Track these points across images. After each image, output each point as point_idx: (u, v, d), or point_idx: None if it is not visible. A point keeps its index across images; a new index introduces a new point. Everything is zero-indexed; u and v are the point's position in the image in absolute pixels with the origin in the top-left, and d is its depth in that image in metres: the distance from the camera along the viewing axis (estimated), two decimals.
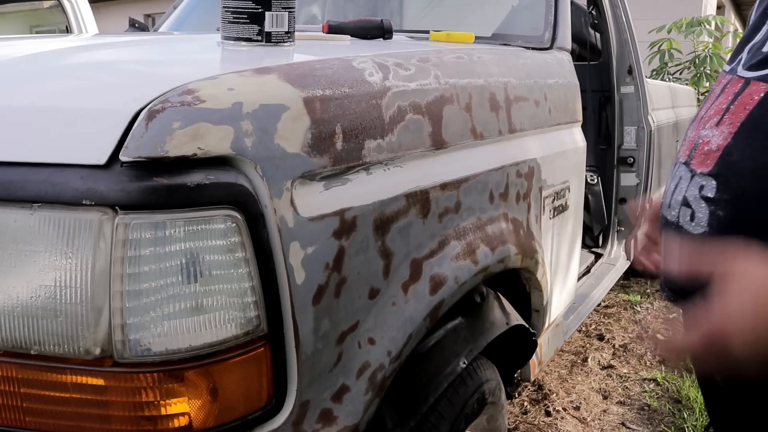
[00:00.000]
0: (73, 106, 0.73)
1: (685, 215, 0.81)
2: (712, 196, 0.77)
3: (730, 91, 0.80)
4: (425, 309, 0.98)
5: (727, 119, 0.79)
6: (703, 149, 0.80)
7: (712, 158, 0.78)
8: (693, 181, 0.80)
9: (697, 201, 0.79)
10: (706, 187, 0.78)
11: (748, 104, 0.76)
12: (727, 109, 0.79)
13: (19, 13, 4.08)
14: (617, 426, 2.13)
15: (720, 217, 0.76)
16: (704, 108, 0.86)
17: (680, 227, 0.82)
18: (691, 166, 0.82)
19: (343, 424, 0.87)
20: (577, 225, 1.73)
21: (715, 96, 0.84)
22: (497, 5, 1.95)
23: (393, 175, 0.95)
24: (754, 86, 0.77)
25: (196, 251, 0.69)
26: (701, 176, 0.79)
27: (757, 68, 0.78)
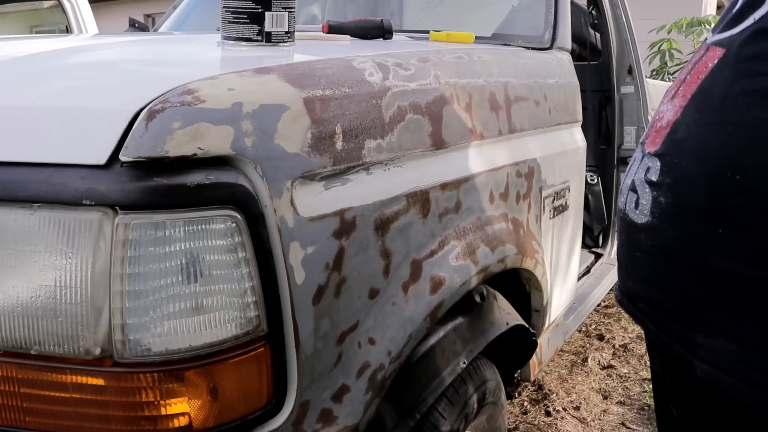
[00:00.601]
0: (73, 106, 0.73)
1: (630, 202, 0.72)
2: (655, 180, 0.68)
3: (693, 60, 0.71)
4: (425, 309, 0.98)
5: (681, 91, 0.69)
6: (656, 126, 0.71)
7: (661, 136, 0.69)
8: (642, 163, 0.71)
9: (642, 185, 0.70)
10: (651, 169, 0.69)
11: (702, 73, 0.66)
12: (683, 80, 0.70)
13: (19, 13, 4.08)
14: (617, 426, 2.13)
15: (662, 205, 0.67)
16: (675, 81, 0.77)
17: (626, 215, 0.73)
18: (644, 146, 0.73)
19: (343, 424, 0.87)
20: (577, 225, 1.73)
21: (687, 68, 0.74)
22: (497, 5, 1.94)
23: (393, 175, 0.95)
24: (711, 52, 0.66)
25: (196, 251, 0.70)
26: (649, 157, 0.70)
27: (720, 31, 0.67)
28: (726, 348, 0.62)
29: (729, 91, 0.62)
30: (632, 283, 0.75)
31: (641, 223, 0.70)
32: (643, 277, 0.72)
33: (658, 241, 0.68)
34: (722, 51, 0.64)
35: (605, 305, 3.16)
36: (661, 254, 0.68)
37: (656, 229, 0.68)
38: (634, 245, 0.72)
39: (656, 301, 0.70)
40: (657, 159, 0.68)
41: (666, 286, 0.68)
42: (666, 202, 0.67)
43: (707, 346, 0.64)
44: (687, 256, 0.65)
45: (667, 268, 0.67)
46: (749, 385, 0.60)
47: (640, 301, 0.73)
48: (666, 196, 0.67)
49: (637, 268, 0.73)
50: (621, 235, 0.77)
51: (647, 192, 0.69)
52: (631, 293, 0.75)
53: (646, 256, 0.70)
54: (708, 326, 0.64)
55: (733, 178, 0.60)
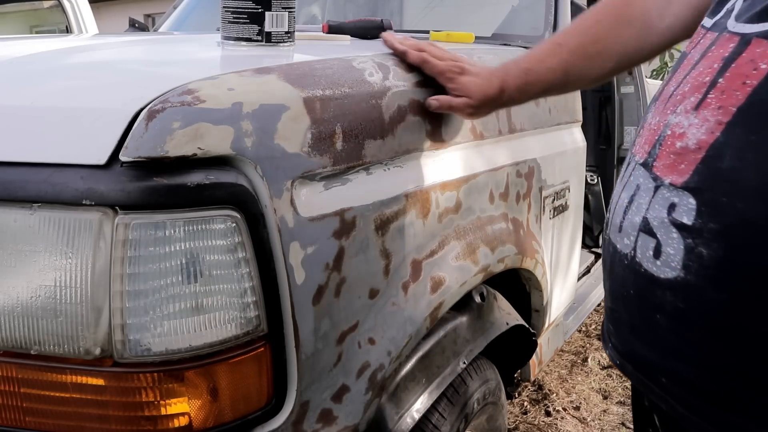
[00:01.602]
0: (73, 106, 0.73)
1: (645, 247, 0.56)
2: (690, 223, 0.52)
3: (717, 55, 0.54)
4: (425, 309, 0.98)
5: (713, 100, 0.52)
6: (673, 146, 0.54)
7: (690, 162, 0.53)
8: (658, 196, 0.55)
9: (665, 228, 0.54)
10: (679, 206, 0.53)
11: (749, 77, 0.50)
12: (713, 84, 0.53)
13: (19, 13, 4.08)
14: (617, 426, 2.13)
15: (703, 258, 0.51)
16: (673, 81, 0.59)
17: (637, 263, 0.57)
18: (654, 171, 0.56)
19: (343, 424, 0.87)
20: (577, 225, 1.73)
21: (691, 62, 0.57)
22: (497, 5, 1.94)
23: (393, 175, 0.95)
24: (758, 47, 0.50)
25: (196, 251, 0.69)
26: (672, 189, 0.54)
27: (759, 19, 0.51)
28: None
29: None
30: (646, 350, 0.60)
31: (666, 279, 0.54)
32: (668, 347, 0.57)
33: (697, 305, 0.53)
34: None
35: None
36: (701, 322, 0.53)
37: (693, 289, 0.53)
38: (652, 305, 0.57)
39: (689, 379, 0.55)
40: (689, 194, 0.52)
41: (707, 362, 0.54)
42: (711, 255, 0.51)
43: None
44: (744, 328, 0.51)
45: (711, 340, 0.53)
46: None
47: (660, 374, 0.58)
48: (710, 248, 0.51)
49: (656, 333, 0.58)
50: (623, 285, 0.61)
51: (676, 238, 0.53)
52: (642, 361, 0.61)
53: (673, 321, 0.56)
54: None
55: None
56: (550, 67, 0.94)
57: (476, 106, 0.97)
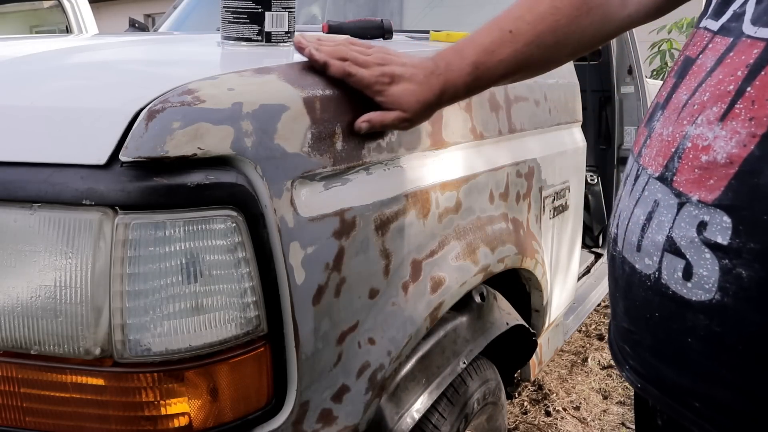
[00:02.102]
0: (72, 106, 0.73)
1: (672, 269, 0.53)
2: (725, 243, 0.49)
3: (739, 62, 0.50)
4: (425, 309, 0.98)
5: (742, 110, 0.49)
6: (697, 160, 0.51)
7: (720, 177, 0.49)
8: (684, 213, 0.52)
9: (695, 248, 0.51)
10: (711, 225, 0.50)
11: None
12: (739, 93, 0.49)
13: (19, 13, 4.08)
14: (617, 426, 2.13)
15: (742, 280, 0.49)
16: (683, 88, 0.56)
17: (663, 286, 0.54)
18: (675, 186, 0.53)
19: (343, 424, 0.87)
20: (577, 225, 1.73)
21: (704, 69, 0.54)
22: (497, 5, 1.94)
23: (393, 175, 0.95)
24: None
25: (196, 251, 0.69)
26: (700, 207, 0.51)
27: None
28: None
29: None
30: (674, 373, 0.57)
31: (699, 301, 0.52)
32: (700, 371, 0.54)
33: (736, 329, 0.50)
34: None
35: (605, 305, 3.16)
36: (741, 346, 0.51)
37: (731, 312, 0.50)
38: (682, 327, 0.54)
39: (726, 404, 0.53)
40: (723, 212, 0.49)
41: (748, 387, 0.51)
42: (751, 277, 0.48)
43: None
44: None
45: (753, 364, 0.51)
46: None
47: (692, 398, 0.56)
48: (751, 269, 0.48)
49: (688, 356, 0.55)
50: (645, 307, 0.58)
51: (709, 258, 0.50)
52: (671, 385, 0.58)
53: (708, 345, 0.53)
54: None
55: None
56: (502, 59, 0.84)
57: (411, 118, 0.87)
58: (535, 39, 0.84)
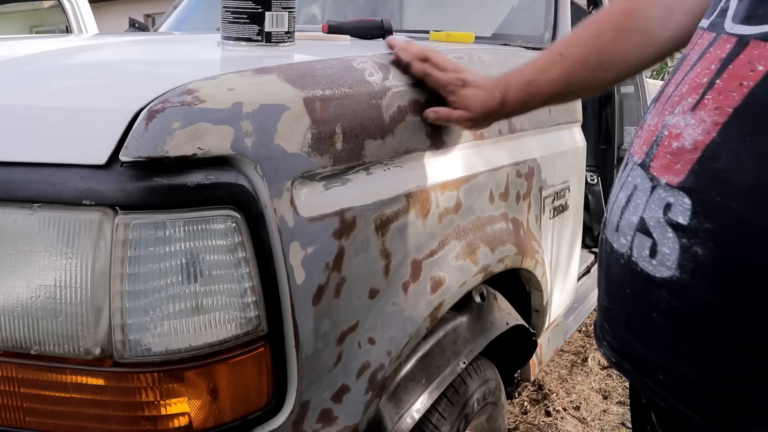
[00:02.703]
0: (73, 106, 0.73)
1: (642, 247, 0.57)
2: (685, 223, 0.52)
3: (715, 57, 0.54)
4: (425, 309, 0.98)
5: (710, 101, 0.53)
6: (670, 146, 0.55)
7: (686, 162, 0.53)
8: (655, 196, 0.56)
9: (661, 228, 0.54)
10: (675, 206, 0.53)
11: (746, 78, 0.50)
12: (710, 85, 0.53)
13: (19, 13, 4.08)
14: (617, 426, 2.13)
15: (698, 258, 0.52)
16: (672, 82, 0.60)
17: (633, 263, 0.58)
18: (651, 171, 0.57)
19: (343, 424, 0.87)
20: (577, 225, 1.73)
21: (690, 64, 0.58)
22: (497, 5, 1.94)
23: (393, 175, 0.95)
24: (756, 48, 0.51)
25: (196, 251, 0.69)
26: (668, 189, 0.54)
27: (759, 21, 0.51)
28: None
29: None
30: (643, 348, 0.60)
31: (662, 278, 0.55)
32: (664, 345, 0.58)
33: (692, 304, 0.54)
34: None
35: None
36: (697, 321, 0.54)
37: (688, 288, 0.53)
38: (648, 303, 0.58)
39: (686, 376, 0.56)
40: (684, 194, 0.53)
41: (705, 362, 0.54)
42: (705, 255, 0.51)
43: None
44: (739, 328, 0.51)
45: (707, 340, 0.54)
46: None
47: (657, 371, 0.59)
48: (706, 247, 0.51)
49: (653, 330, 0.59)
50: (621, 285, 0.62)
51: (671, 237, 0.54)
52: (640, 359, 0.61)
53: (669, 320, 0.56)
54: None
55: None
56: (551, 78, 0.94)
57: (475, 119, 0.99)
58: (581, 59, 0.91)
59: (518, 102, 0.97)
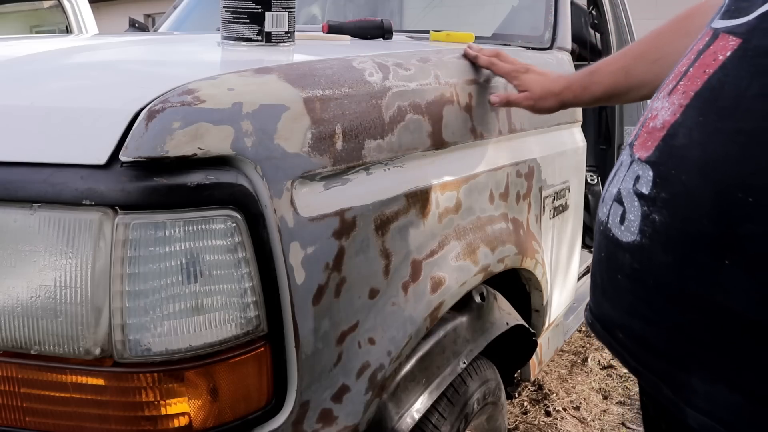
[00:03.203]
0: (73, 106, 0.73)
1: (615, 215, 0.62)
2: (646, 192, 0.57)
3: (696, 48, 0.60)
4: (425, 309, 0.98)
5: (681, 86, 0.58)
6: (648, 126, 0.60)
7: (655, 139, 0.58)
8: (630, 169, 0.61)
9: (630, 197, 0.59)
10: (642, 178, 0.58)
11: (709, 66, 0.55)
12: (685, 73, 0.59)
13: (19, 13, 4.08)
14: (617, 426, 2.13)
15: (655, 223, 0.56)
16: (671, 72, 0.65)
17: (608, 229, 0.63)
18: (632, 149, 0.62)
19: (343, 424, 0.87)
20: (577, 225, 1.73)
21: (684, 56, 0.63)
22: (497, 5, 1.94)
23: (393, 175, 0.95)
24: (721, 41, 0.56)
25: (196, 251, 0.69)
26: (639, 163, 0.59)
27: (731, 15, 0.57)
28: (729, 399, 0.53)
29: (745, 91, 0.52)
30: (609, 308, 0.65)
31: (627, 242, 0.60)
32: (625, 305, 0.62)
33: (648, 266, 0.58)
34: (737, 41, 0.54)
35: None
36: (651, 282, 0.58)
37: (646, 252, 0.58)
38: (616, 266, 0.62)
39: (639, 334, 0.61)
40: (649, 167, 0.58)
41: (654, 319, 0.59)
42: (660, 221, 0.56)
43: (704, 393, 0.55)
44: (683, 288, 0.55)
45: (657, 298, 0.58)
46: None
47: (618, 330, 0.64)
48: (660, 214, 0.56)
49: (618, 292, 0.63)
50: (599, 251, 0.66)
51: (636, 206, 0.58)
52: (607, 319, 0.66)
53: (630, 281, 0.61)
54: (707, 371, 0.55)
55: (746, 200, 0.50)
56: (612, 70, 1.05)
57: (536, 98, 1.12)
58: (640, 54, 1.01)
59: (580, 86, 1.08)
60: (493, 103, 1.16)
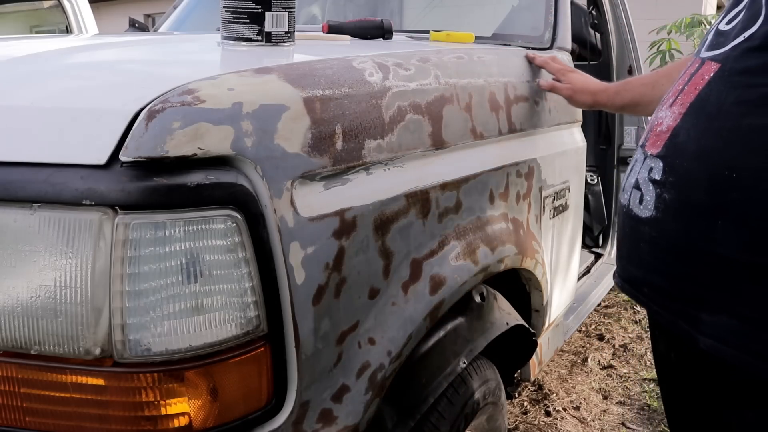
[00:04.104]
0: (73, 107, 0.73)
1: (635, 198, 0.81)
2: (658, 179, 0.77)
3: (688, 72, 0.81)
4: (425, 309, 0.98)
5: (679, 100, 0.79)
6: (656, 131, 0.81)
7: (662, 140, 0.78)
8: (644, 164, 0.81)
9: (645, 183, 0.79)
10: (654, 169, 0.78)
11: (699, 84, 0.76)
12: (681, 90, 0.80)
13: (19, 13, 4.08)
14: (617, 426, 2.13)
15: (666, 200, 0.76)
16: (669, 90, 0.87)
17: (630, 210, 0.82)
18: (645, 149, 0.82)
19: (343, 424, 0.87)
20: (577, 225, 1.73)
21: (678, 78, 0.85)
22: (497, 5, 1.94)
23: (393, 175, 0.95)
24: (707, 66, 0.77)
25: (196, 251, 0.70)
26: (651, 158, 0.79)
27: (713, 48, 0.78)
28: (728, 323, 0.71)
29: (725, 100, 0.71)
30: (635, 270, 0.84)
31: (645, 217, 0.79)
32: (647, 265, 0.81)
33: (662, 233, 0.77)
34: (717, 65, 0.74)
35: (605, 305, 3.16)
36: (665, 244, 0.77)
37: (660, 222, 0.77)
38: (638, 236, 0.81)
39: (659, 285, 0.79)
40: (659, 160, 0.77)
41: (670, 272, 0.78)
42: (670, 198, 0.75)
43: (710, 322, 0.73)
44: (690, 245, 0.74)
45: (671, 256, 0.77)
46: (749, 355, 0.70)
47: (643, 286, 0.82)
48: (669, 193, 0.76)
49: (641, 256, 0.82)
50: (623, 228, 0.86)
51: (651, 189, 0.78)
52: (634, 279, 0.84)
53: (649, 246, 0.79)
54: (711, 305, 0.73)
55: (731, 177, 0.69)
56: (643, 82, 1.33)
57: (575, 90, 1.40)
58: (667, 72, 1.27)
59: (614, 92, 1.36)
60: (540, 86, 1.41)
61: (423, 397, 1.05)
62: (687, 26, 5.75)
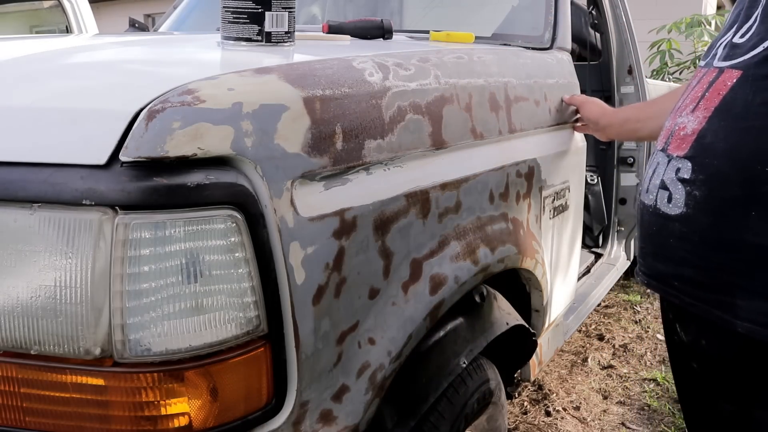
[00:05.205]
0: (73, 107, 0.73)
1: (662, 198, 0.87)
2: (688, 177, 0.83)
3: (705, 81, 0.86)
4: (425, 309, 0.98)
5: (702, 105, 0.84)
6: (679, 134, 0.86)
7: (688, 142, 0.84)
8: (670, 165, 0.86)
9: (674, 183, 0.85)
10: (682, 169, 0.84)
11: (722, 90, 0.82)
12: (702, 97, 0.85)
13: (19, 13, 4.08)
14: (617, 426, 2.13)
15: (696, 197, 0.82)
16: (680, 99, 0.92)
17: (657, 209, 0.88)
18: (668, 152, 0.88)
19: (343, 424, 0.87)
20: (577, 225, 1.73)
21: (690, 88, 0.91)
22: (497, 5, 1.94)
23: (393, 175, 0.95)
24: (727, 74, 0.83)
25: (196, 251, 0.70)
26: (677, 159, 0.85)
27: (730, 58, 0.84)
28: (764, 307, 0.77)
29: (751, 102, 0.78)
30: (662, 265, 0.90)
31: (675, 214, 0.84)
32: (676, 260, 0.86)
33: (693, 228, 0.83)
34: (739, 72, 0.81)
35: (605, 305, 3.17)
36: (697, 238, 0.83)
37: (691, 218, 0.83)
38: (666, 233, 0.87)
39: (690, 277, 0.85)
40: (687, 161, 0.83)
41: (702, 264, 0.83)
42: (701, 195, 0.81)
43: (746, 307, 0.78)
44: (722, 237, 0.80)
45: (703, 248, 0.82)
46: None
47: (673, 279, 0.88)
48: (700, 190, 0.81)
49: (671, 252, 0.87)
50: (649, 227, 0.91)
51: (680, 188, 0.84)
52: (662, 274, 0.90)
53: (680, 241, 0.85)
54: (747, 291, 0.78)
55: (763, 170, 0.75)
56: (642, 106, 1.62)
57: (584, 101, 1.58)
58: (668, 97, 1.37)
59: (614, 112, 1.58)
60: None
61: (423, 397, 1.05)
62: (687, 26, 5.75)
